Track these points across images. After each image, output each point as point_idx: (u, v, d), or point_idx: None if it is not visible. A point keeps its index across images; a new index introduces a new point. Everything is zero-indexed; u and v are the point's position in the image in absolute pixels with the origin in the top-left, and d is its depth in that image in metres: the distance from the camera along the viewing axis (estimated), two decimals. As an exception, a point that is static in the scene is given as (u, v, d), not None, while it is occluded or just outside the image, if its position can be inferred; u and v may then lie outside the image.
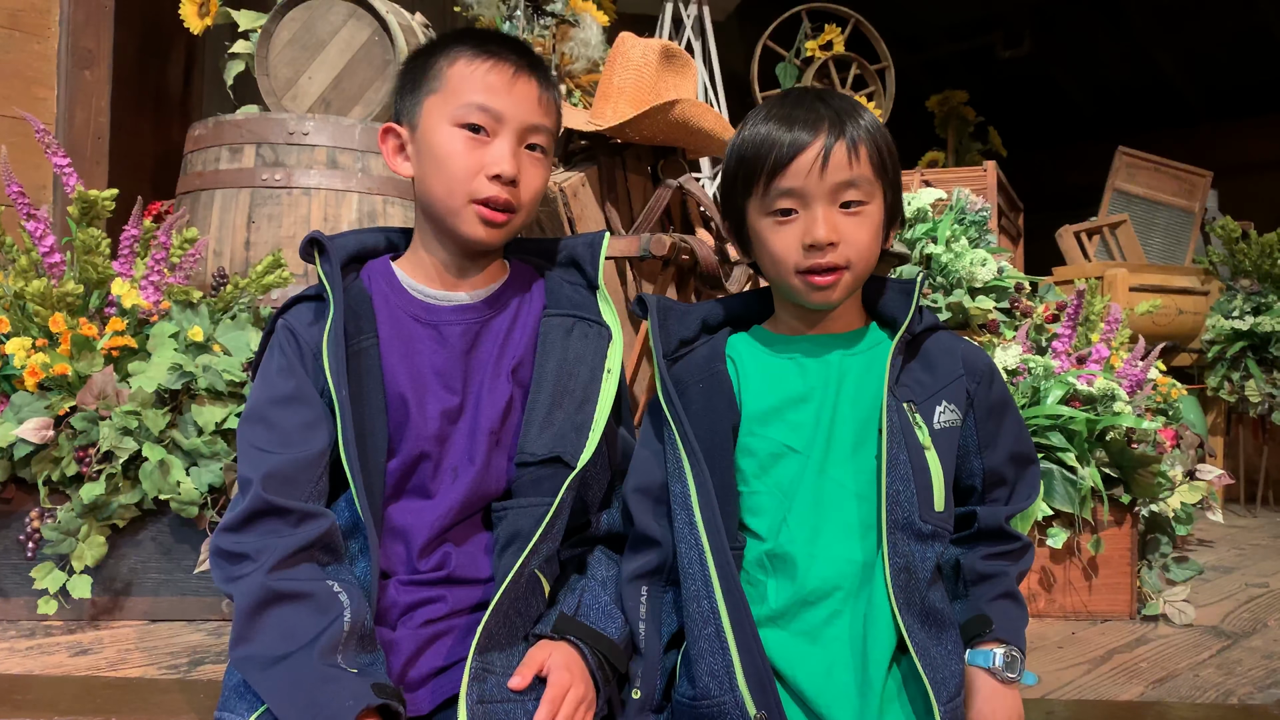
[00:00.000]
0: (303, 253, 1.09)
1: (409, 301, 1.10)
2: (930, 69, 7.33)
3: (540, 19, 3.06)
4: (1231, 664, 1.62)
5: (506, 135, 1.06)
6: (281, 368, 1.04)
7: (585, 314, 1.14)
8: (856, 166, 1.03)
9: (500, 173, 1.04)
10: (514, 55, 1.08)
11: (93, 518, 1.62)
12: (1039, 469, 1.14)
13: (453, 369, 1.07)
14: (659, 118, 1.73)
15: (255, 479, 0.96)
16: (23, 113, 1.98)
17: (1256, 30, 6.57)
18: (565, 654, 0.96)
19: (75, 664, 1.44)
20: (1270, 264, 3.58)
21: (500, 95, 1.05)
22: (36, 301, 1.67)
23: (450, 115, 1.05)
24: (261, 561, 0.91)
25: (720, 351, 1.13)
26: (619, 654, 1.00)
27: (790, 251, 1.05)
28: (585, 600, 1.03)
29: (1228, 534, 3.06)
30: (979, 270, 2.31)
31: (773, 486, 1.06)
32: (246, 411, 1.04)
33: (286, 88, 2.63)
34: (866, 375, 1.08)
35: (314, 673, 0.86)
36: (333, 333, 1.01)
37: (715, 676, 0.96)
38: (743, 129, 1.10)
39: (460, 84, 1.06)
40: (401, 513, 1.04)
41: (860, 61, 4.23)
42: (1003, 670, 1.00)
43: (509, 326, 1.12)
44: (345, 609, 0.90)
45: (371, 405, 1.03)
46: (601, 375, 1.10)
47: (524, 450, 1.06)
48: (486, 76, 1.06)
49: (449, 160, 1.05)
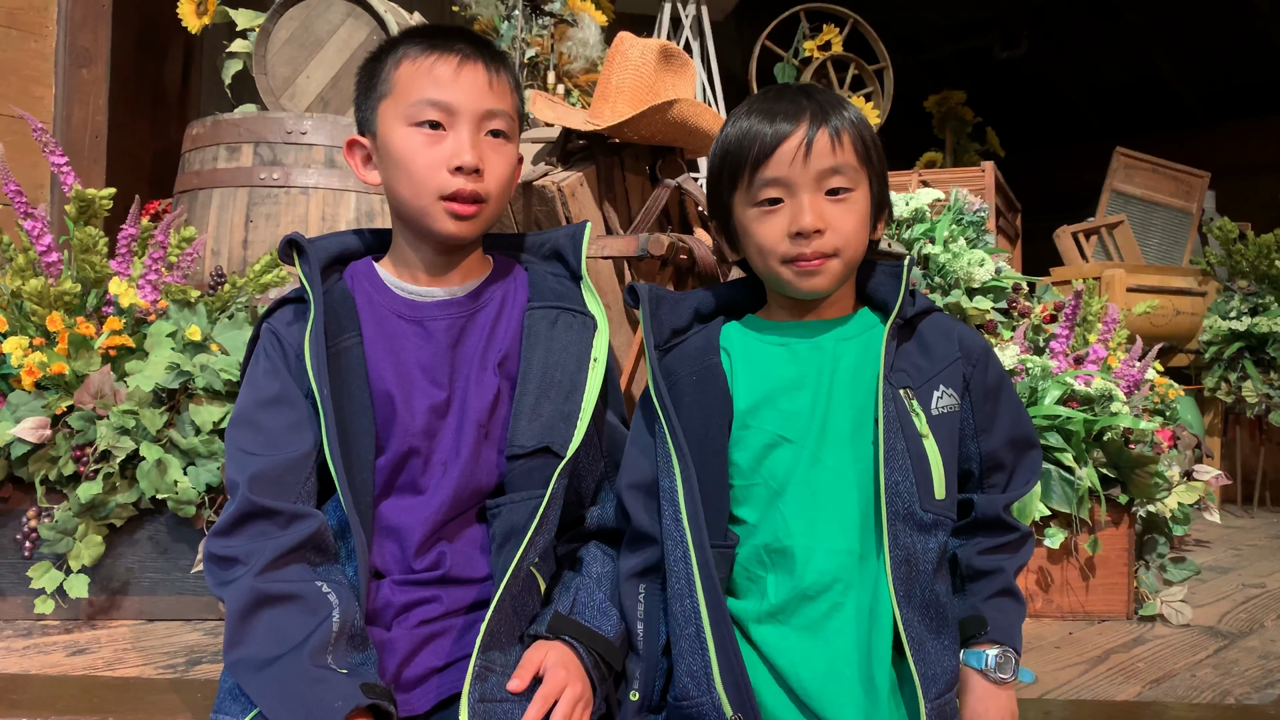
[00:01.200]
0: (281, 254, 1.09)
1: (392, 299, 1.10)
2: (928, 69, 7.34)
3: (539, 19, 3.06)
4: (1228, 664, 1.62)
5: (463, 126, 1.05)
6: (267, 370, 1.04)
7: (569, 305, 1.13)
8: (840, 153, 1.03)
9: (462, 164, 1.03)
10: (458, 43, 1.07)
11: (90, 517, 1.61)
12: (1040, 453, 1.12)
13: (439, 364, 1.07)
14: (657, 117, 1.72)
15: (242, 481, 0.96)
16: (20, 111, 1.97)
17: (1253, 32, 6.58)
18: (561, 653, 0.96)
19: (72, 663, 1.44)
20: (1267, 265, 3.59)
21: (449, 87, 1.05)
22: (34, 300, 1.67)
23: (404, 116, 1.05)
24: (251, 564, 0.91)
25: (715, 343, 1.12)
26: (615, 652, 1.00)
27: (777, 241, 1.04)
28: (580, 599, 1.02)
29: (1225, 534, 3.06)
30: (977, 270, 2.31)
31: (767, 478, 1.05)
32: (234, 415, 1.04)
33: (284, 87, 2.63)
34: (862, 361, 1.07)
35: (303, 674, 0.86)
36: (313, 332, 1.01)
37: (694, 677, 0.95)
38: (726, 126, 1.09)
39: (409, 83, 1.06)
40: (394, 510, 1.04)
41: (858, 62, 4.24)
42: (995, 671, 1.00)
43: (494, 320, 1.12)
44: (334, 609, 0.90)
45: (356, 403, 1.03)
46: (588, 364, 1.10)
47: (513, 443, 1.05)
48: (432, 71, 1.05)
49: (409, 161, 1.05)
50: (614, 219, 1.82)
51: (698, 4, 4.34)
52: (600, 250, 1.69)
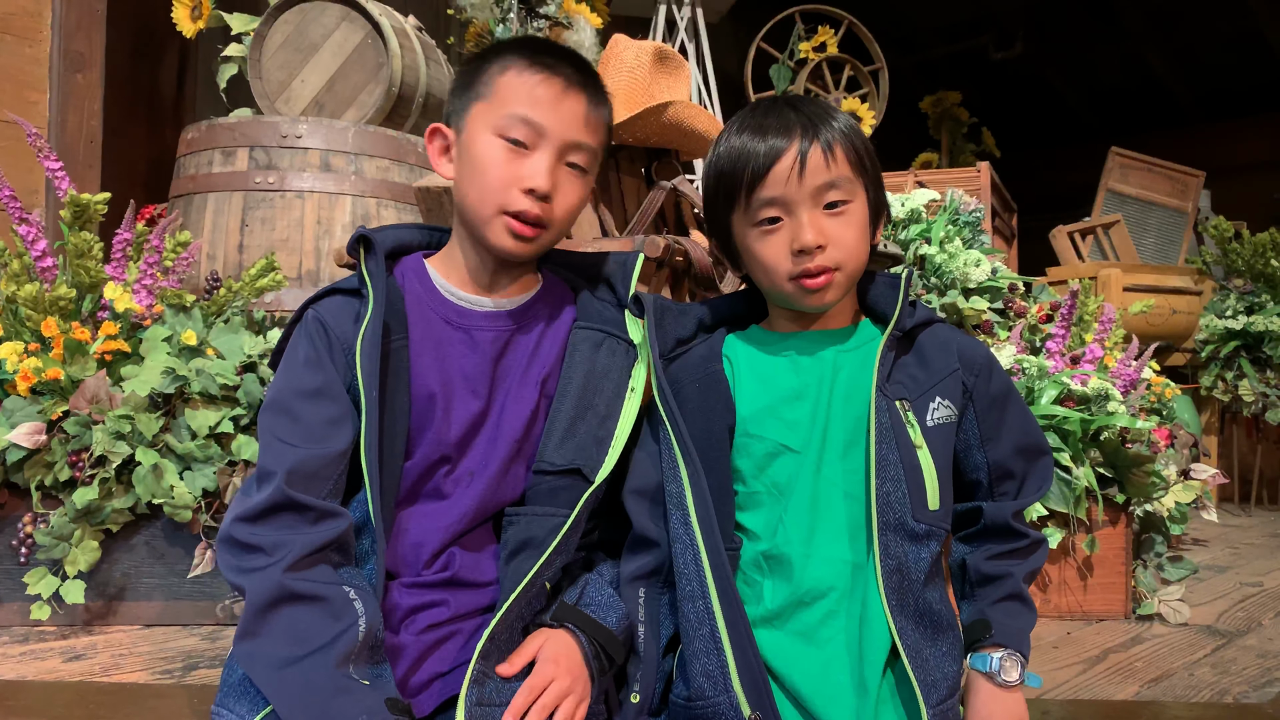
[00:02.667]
0: (349, 248, 1.08)
1: (441, 303, 1.10)
2: (924, 70, 7.36)
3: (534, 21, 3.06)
4: (1226, 663, 1.62)
5: (546, 150, 1.05)
6: (309, 359, 1.02)
7: (615, 330, 1.13)
8: (834, 167, 1.03)
9: (534, 187, 1.03)
10: (567, 69, 1.07)
11: (86, 522, 1.61)
12: (1051, 460, 1.12)
13: (480, 374, 1.07)
14: (652, 120, 1.73)
15: (280, 472, 0.94)
16: (14, 116, 1.97)
17: (1247, 33, 6.60)
18: (557, 644, 0.96)
19: (68, 669, 1.44)
20: (1263, 264, 3.60)
21: (545, 109, 1.04)
22: (29, 306, 1.67)
23: (493, 124, 1.05)
24: (278, 557, 0.90)
25: (717, 351, 1.13)
26: (616, 644, 0.99)
27: (780, 260, 1.05)
28: (589, 591, 1.02)
29: (1222, 533, 3.06)
30: (973, 271, 2.31)
31: (769, 486, 1.06)
32: (269, 399, 1.02)
33: (279, 91, 2.62)
34: (859, 372, 1.07)
35: (328, 681, 0.85)
36: (369, 332, 1.00)
37: (710, 677, 0.95)
38: (717, 145, 1.10)
39: (508, 94, 1.05)
40: (414, 516, 1.04)
41: (854, 63, 4.24)
42: (999, 674, 0.99)
43: (539, 337, 1.12)
44: (360, 617, 0.89)
45: (397, 407, 1.02)
46: (625, 392, 1.10)
47: (543, 459, 1.05)
48: (535, 89, 1.05)
49: (486, 169, 1.05)
50: (609, 221, 1.82)
51: (693, 6, 4.35)
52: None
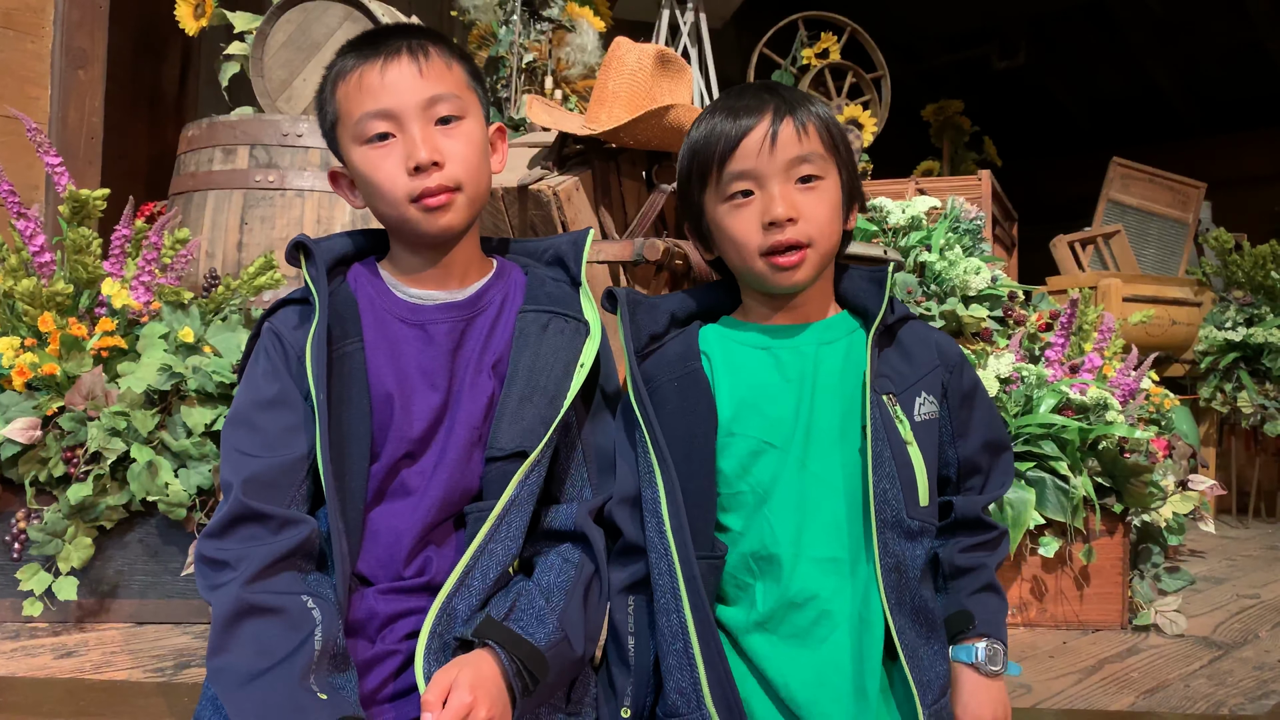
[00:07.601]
0: (289, 257, 1.08)
1: (394, 303, 1.10)
2: (926, 79, 7.36)
3: (537, 24, 3.07)
4: (1223, 675, 1.62)
5: (408, 124, 1.04)
6: (266, 371, 1.04)
7: (563, 310, 1.12)
8: (806, 142, 1.03)
9: (418, 163, 1.03)
10: (382, 44, 1.06)
11: (80, 519, 1.60)
12: (1012, 455, 1.13)
13: (439, 367, 1.07)
14: (654, 123, 1.72)
15: (236, 483, 0.95)
16: (15, 112, 1.97)
17: (1249, 45, 6.60)
18: (473, 671, 0.90)
19: (60, 666, 1.43)
20: (1263, 276, 3.60)
21: (379, 92, 1.04)
22: (25, 301, 1.66)
23: (354, 136, 1.05)
24: (240, 570, 0.90)
25: (694, 348, 1.11)
26: (540, 662, 0.93)
27: (751, 233, 1.03)
28: (519, 604, 0.98)
29: (1219, 545, 3.06)
30: (972, 279, 2.30)
31: (754, 485, 1.03)
32: (231, 415, 1.03)
33: (281, 89, 2.62)
34: (845, 366, 1.06)
35: (286, 700, 0.84)
36: (316, 337, 1.01)
37: (684, 694, 0.94)
38: (692, 130, 1.09)
39: (347, 103, 1.06)
40: (384, 515, 1.03)
41: (856, 70, 4.24)
42: (986, 664, 1.00)
43: (492, 323, 1.11)
44: (317, 626, 0.89)
45: (355, 409, 1.02)
46: (574, 370, 1.08)
47: (493, 445, 1.04)
48: (360, 82, 1.04)
49: (373, 177, 1.05)
50: (610, 224, 1.81)
51: (696, 11, 4.35)
52: (596, 255, 1.68)
